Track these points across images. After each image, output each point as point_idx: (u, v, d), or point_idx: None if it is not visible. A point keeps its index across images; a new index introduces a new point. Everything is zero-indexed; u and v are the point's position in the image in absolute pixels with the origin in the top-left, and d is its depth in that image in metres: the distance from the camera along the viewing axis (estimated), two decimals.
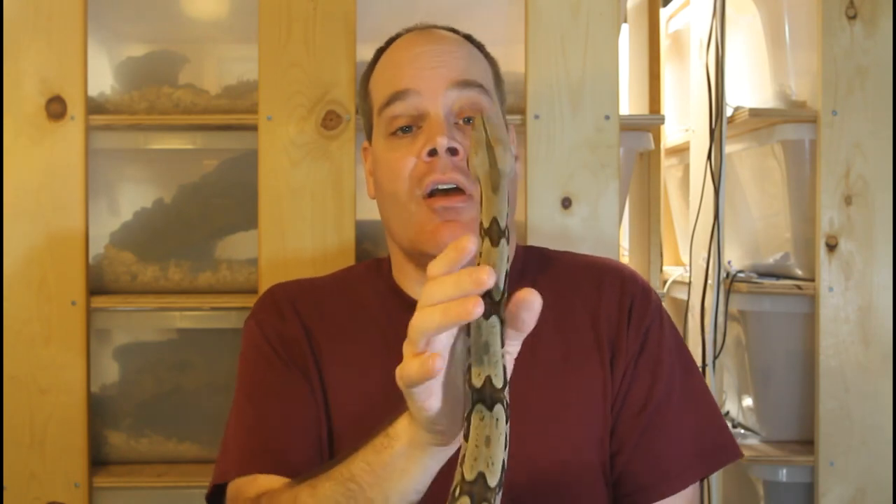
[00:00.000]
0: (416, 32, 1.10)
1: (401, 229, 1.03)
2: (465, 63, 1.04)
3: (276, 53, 1.59)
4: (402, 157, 1.00)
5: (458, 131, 1.00)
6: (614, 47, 1.60)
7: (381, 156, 1.04)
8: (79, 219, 1.60)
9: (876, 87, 1.69)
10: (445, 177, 0.96)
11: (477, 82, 1.02)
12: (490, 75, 1.08)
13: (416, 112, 1.01)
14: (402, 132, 1.02)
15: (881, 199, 1.69)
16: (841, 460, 1.69)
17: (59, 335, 1.59)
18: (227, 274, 1.70)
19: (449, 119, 1.00)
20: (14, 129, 1.59)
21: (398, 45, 1.09)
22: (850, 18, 1.68)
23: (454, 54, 1.04)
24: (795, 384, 1.79)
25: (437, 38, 1.07)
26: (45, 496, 1.59)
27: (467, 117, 1.01)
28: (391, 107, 1.02)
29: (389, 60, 1.08)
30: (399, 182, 1.00)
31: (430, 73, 1.01)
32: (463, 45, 1.08)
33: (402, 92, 1.01)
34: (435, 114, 0.99)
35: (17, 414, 1.59)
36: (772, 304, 1.79)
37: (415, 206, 0.99)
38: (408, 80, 1.02)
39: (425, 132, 0.99)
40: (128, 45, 1.73)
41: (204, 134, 1.70)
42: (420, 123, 1.01)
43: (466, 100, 1.01)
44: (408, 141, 1.01)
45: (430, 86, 1.00)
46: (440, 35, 1.09)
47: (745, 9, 1.92)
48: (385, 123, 1.03)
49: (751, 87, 1.94)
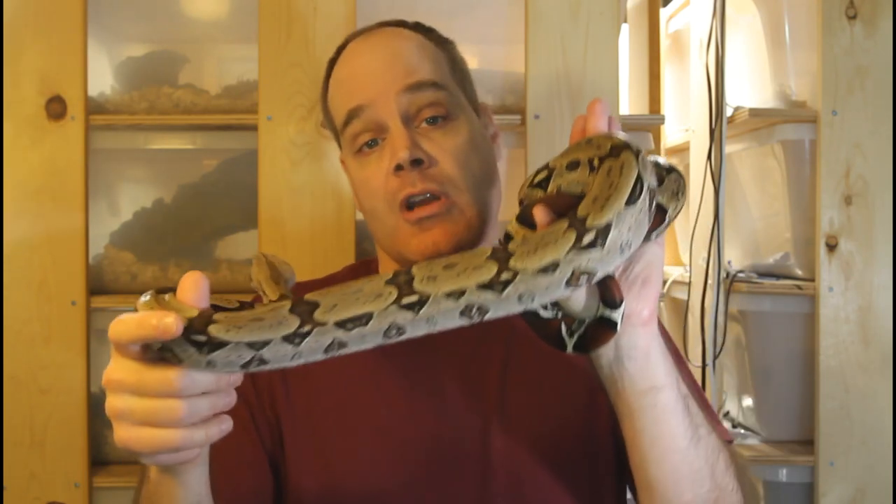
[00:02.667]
0: (359, 40, 1.06)
1: (386, 241, 1.02)
2: (414, 62, 1.00)
3: (276, 53, 1.59)
4: (372, 174, 0.99)
5: (423, 137, 0.98)
6: (614, 47, 1.60)
7: (353, 174, 1.04)
8: (79, 219, 1.60)
9: (876, 87, 1.68)
10: (416, 189, 0.95)
11: (428, 81, 0.99)
12: (444, 64, 1.04)
13: (374, 125, 0.99)
14: (368, 147, 1.00)
15: (881, 199, 1.69)
16: (841, 460, 1.69)
17: (59, 335, 1.59)
18: (227, 274, 1.70)
19: (409, 125, 0.98)
20: (14, 129, 1.59)
21: (345, 57, 1.06)
22: (850, 18, 1.68)
23: (400, 56, 1.01)
24: (795, 384, 1.79)
25: (381, 42, 1.04)
26: (45, 496, 1.59)
27: (430, 117, 0.98)
28: (350, 126, 1.00)
29: (338, 77, 1.06)
30: (375, 199, 0.99)
31: (377, 81, 0.99)
32: (409, 42, 1.04)
33: (356, 109, 0.99)
34: (394, 125, 0.97)
35: (17, 414, 1.59)
36: (772, 304, 1.79)
37: (394, 220, 0.98)
38: (358, 96, 0.99)
39: (388, 146, 0.98)
40: (128, 45, 1.73)
41: (204, 134, 1.70)
42: (383, 135, 0.99)
43: (420, 101, 0.98)
44: (375, 156, 0.99)
45: (381, 97, 0.98)
46: (384, 37, 1.05)
47: (745, 9, 1.92)
48: (349, 142, 1.02)
49: (751, 87, 1.94)
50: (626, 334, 0.77)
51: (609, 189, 0.66)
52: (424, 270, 0.65)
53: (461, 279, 0.65)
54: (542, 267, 0.64)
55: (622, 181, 0.66)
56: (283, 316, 0.64)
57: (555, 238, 0.65)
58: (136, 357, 0.66)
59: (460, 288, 0.64)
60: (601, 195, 0.66)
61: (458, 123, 1.00)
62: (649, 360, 0.79)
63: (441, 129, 0.98)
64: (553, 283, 0.65)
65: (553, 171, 0.76)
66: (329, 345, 0.65)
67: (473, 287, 0.64)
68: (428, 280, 0.65)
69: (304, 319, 0.64)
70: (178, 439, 0.66)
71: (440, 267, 0.65)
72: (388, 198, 0.97)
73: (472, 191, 0.97)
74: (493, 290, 0.65)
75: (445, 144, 0.97)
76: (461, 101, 1.03)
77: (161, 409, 0.65)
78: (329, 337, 0.65)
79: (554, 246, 0.64)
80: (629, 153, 0.69)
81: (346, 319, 0.64)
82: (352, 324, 0.64)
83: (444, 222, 0.96)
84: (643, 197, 0.67)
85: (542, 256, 0.64)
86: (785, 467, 1.74)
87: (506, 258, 0.65)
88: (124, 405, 0.67)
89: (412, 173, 0.95)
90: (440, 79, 1.01)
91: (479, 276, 0.64)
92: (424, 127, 0.99)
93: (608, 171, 0.68)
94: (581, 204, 0.67)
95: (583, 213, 0.66)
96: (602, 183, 0.67)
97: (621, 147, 0.69)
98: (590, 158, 0.72)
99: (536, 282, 0.65)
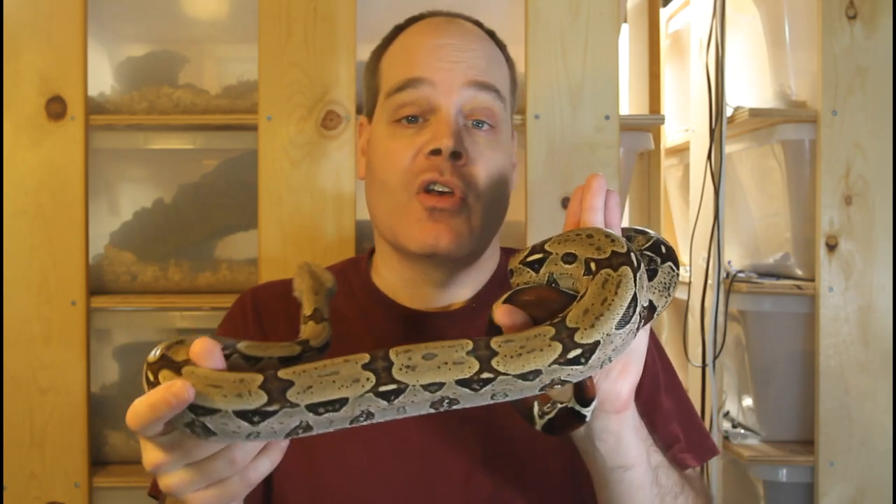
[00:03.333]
0: (440, 19, 1.04)
1: (385, 216, 1.00)
2: (486, 63, 1.00)
3: (276, 53, 1.59)
4: (402, 147, 0.97)
5: (466, 134, 0.97)
6: (614, 47, 1.60)
7: (379, 141, 1.00)
8: (79, 219, 1.60)
9: (876, 87, 1.69)
10: (444, 178, 0.94)
11: (494, 86, 0.99)
12: (507, 80, 1.04)
13: (426, 104, 0.97)
14: (408, 122, 0.97)
15: (881, 199, 1.69)
16: (841, 460, 1.69)
17: (59, 335, 1.59)
18: (227, 274, 1.70)
19: (458, 119, 0.97)
20: (14, 129, 1.59)
21: (419, 30, 1.03)
22: (850, 18, 1.68)
23: (476, 52, 1.00)
24: (795, 384, 1.79)
25: (461, 32, 1.02)
26: (45, 496, 1.59)
27: (477, 120, 0.98)
28: (402, 93, 0.98)
29: (407, 44, 1.02)
30: (394, 172, 0.97)
31: (449, 66, 0.97)
32: (485, 44, 1.03)
33: (416, 80, 0.97)
34: (446, 111, 0.96)
35: (17, 414, 1.59)
36: (772, 304, 1.79)
37: (406, 197, 0.96)
38: (424, 69, 0.97)
39: (432, 128, 0.96)
40: (128, 45, 1.73)
41: (204, 134, 1.70)
42: (428, 116, 0.97)
43: (480, 102, 0.98)
44: (412, 132, 0.97)
45: (447, 80, 0.96)
46: (464, 28, 1.03)
47: (745, 9, 1.92)
48: (391, 109, 0.99)
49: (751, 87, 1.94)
50: (599, 419, 0.78)
51: (602, 305, 0.66)
52: (402, 358, 0.64)
53: (441, 372, 0.64)
54: (524, 374, 0.64)
55: (616, 301, 0.66)
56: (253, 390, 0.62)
57: (540, 346, 0.65)
58: (165, 432, 0.65)
59: (439, 381, 0.64)
60: (593, 310, 0.66)
61: (500, 138, 1.00)
62: (620, 444, 0.80)
63: (485, 135, 0.98)
64: (530, 387, 0.66)
65: (548, 256, 0.74)
66: (294, 427, 0.63)
67: (452, 382, 0.64)
68: (406, 369, 0.64)
69: (273, 397, 0.62)
70: (239, 485, 0.67)
71: (419, 356, 0.65)
72: (408, 175, 0.96)
73: (487, 204, 0.97)
74: (470, 387, 0.65)
75: (484, 150, 0.97)
76: (509, 119, 1.03)
77: (218, 465, 0.65)
78: (297, 419, 0.63)
79: (539, 354, 0.64)
80: (628, 269, 0.68)
81: (319, 403, 0.62)
82: (324, 408, 0.63)
83: (453, 220, 0.95)
84: (634, 318, 0.67)
85: (525, 363, 0.64)
86: (785, 467, 1.74)
87: (488, 357, 0.64)
88: (180, 479, 0.66)
89: (446, 162, 0.94)
90: (502, 90, 1.01)
91: (460, 372, 0.64)
92: (470, 126, 0.98)
93: (604, 282, 0.68)
94: (571, 311, 0.67)
95: (572, 323, 0.66)
96: (596, 295, 0.67)
97: (622, 259, 0.69)
98: (587, 259, 0.71)
99: (515, 384, 0.65)
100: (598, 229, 0.73)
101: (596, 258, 0.70)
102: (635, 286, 0.67)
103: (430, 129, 0.96)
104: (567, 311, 0.67)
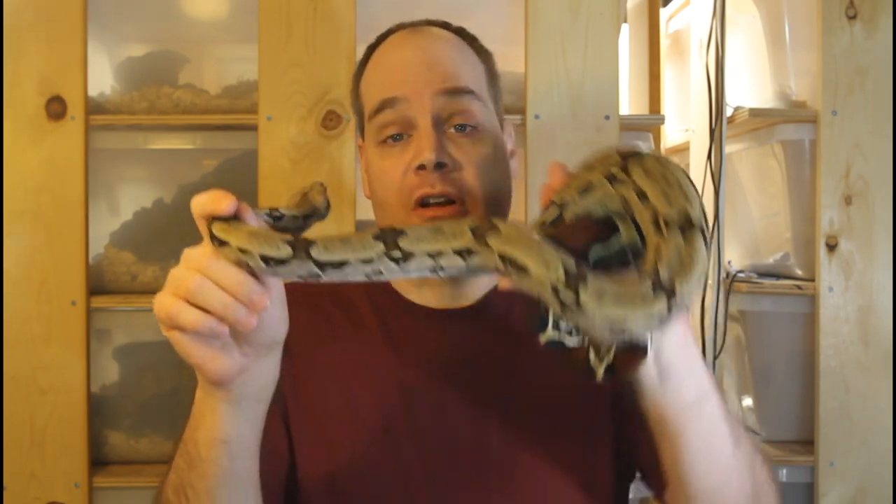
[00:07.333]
0: (405, 32, 1.06)
1: None
2: (455, 67, 1.01)
3: (276, 53, 1.59)
4: (391, 166, 0.99)
5: (450, 141, 0.98)
6: (614, 47, 1.60)
7: (372, 162, 1.03)
8: (79, 219, 1.60)
9: (876, 87, 1.68)
10: (436, 190, 0.95)
11: (466, 88, 1.00)
12: (482, 75, 1.05)
13: (405, 121, 0.99)
14: (393, 140, 1.00)
15: (881, 199, 1.69)
16: (841, 460, 1.69)
17: (59, 335, 1.59)
18: None
19: (438, 128, 0.98)
20: (14, 129, 1.59)
21: (387, 48, 1.06)
22: (850, 18, 1.68)
23: (443, 58, 1.01)
24: (795, 384, 1.79)
25: (427, 41, 1.04)
26: (45, 496, 1.59)
27: (459, 125, 0.98)
28: (380, 115, 1.00)
29: (378, 64, 1.06)
30: (389, 192, 0.99)
31: (417, 79, 0.99)
32: (453, 46, 1.04)
33: (390, 100, 0.99)
34: (424, 125, 0.97)
35: (17, 414, 1.59)
36: (772, 304, 1.79)
37: (405, 215, 0.97)
38: (395, 88, 0.99)
39: (414, 143, 0.98)
40: (128, 45, 1.73)
41: (204, 134, 1.70)
42: (410, 132, 0.99)
43: (456, 107, 0.98)
44: (398, 149, 0.99)
45: (417, 93, 0.98)
46: (430, 36, 1.05)
47: (745, 9, 1.92)
48: (375, 131, 1.02)
49: (751, 87, 1.94)
50: (665, 349, 0.74)
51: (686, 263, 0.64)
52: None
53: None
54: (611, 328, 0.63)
55: (696, 257, 0.64)
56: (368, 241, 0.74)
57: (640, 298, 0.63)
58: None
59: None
60: (681, 267, 0.63)
61: (486, 135, 1.00)
62: (693, 370, 0.77)
63: (469, 138, 0.99)
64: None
65: (563, 205, 0.72)
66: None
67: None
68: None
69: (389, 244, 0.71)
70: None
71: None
72: (403, 193, 0.97)
73: (487, 204, 0.97)
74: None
75: (471, 153, 0.98)
76: (492, 113, 1.03)
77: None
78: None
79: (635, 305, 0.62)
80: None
81: (431, 252, 0.69)
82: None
83: None
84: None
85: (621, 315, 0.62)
86: (785, 467, 1.74)
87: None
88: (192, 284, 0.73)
89: (433, 174, 0.95)
90: (477, 88, 1.01)
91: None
92: (452, 132, 0.99)
93: (675, 241, 0.64)
94: (661, 270, 0.64)
95: (665, 279, 0.63)
96: (674, 253, 0.64)
97: (636, 154, 0.68)
98: (606, 175, 0.69)
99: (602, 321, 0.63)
100: (589, 157, 0.73)
101: (611, 167, 0.70)
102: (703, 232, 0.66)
103: (413, 145, 0.98)
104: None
